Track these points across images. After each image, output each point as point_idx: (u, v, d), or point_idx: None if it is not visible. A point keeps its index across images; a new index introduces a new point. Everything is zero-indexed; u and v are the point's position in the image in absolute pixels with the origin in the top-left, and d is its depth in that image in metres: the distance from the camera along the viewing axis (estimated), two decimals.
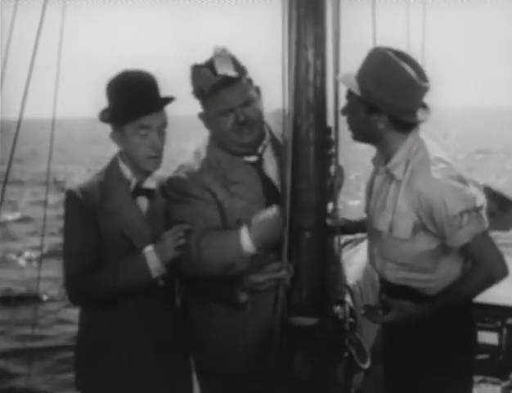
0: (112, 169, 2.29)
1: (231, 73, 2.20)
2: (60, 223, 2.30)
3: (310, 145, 2.16)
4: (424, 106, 2.23)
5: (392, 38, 2.28)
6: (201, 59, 2.26)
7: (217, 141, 2.31)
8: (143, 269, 2.15)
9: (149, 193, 2.29)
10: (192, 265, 2.19)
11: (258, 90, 2.32)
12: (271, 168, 2.32)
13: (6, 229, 14.88)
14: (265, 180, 2.30)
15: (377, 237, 2.27)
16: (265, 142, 2.35)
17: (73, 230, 2.22)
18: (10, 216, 16.18)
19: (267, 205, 2.24)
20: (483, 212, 2.13)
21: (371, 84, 2.12)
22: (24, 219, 16.26)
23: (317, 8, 2.15)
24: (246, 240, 2.15)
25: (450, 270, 2.21)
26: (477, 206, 2.10)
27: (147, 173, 2.30)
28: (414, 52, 2.25)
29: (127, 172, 2.28)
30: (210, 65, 2.21)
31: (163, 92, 2.28)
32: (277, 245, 2.16)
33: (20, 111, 2.67)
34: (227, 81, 2.19)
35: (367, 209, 2.40)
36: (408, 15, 3.43)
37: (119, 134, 2.24)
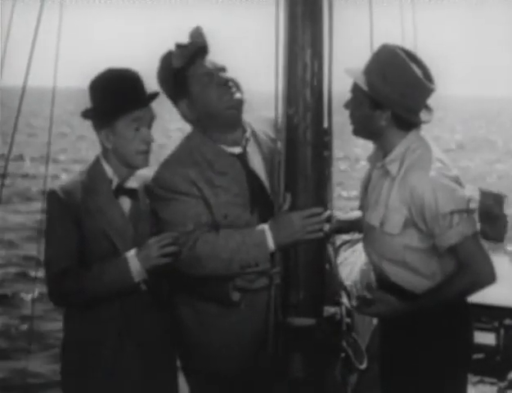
0: (95, 169, 2.29)
1: (202, 40, 2.22)
2: None
3: (307, 145, 2.16)
4: (428, 108, 2.24)
5: (391, 39, 2.28)
6: None
7: (205, 124, 2.27)
8: (125, 273, 2.15)
9: (131, 193, 2.29)
10: (199, 266, 2.17)
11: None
12: (254, 161, 2.31)
13: None
14: (249, 173, 2.29)
15: (371, 232, 2.28)
16: (247, 134, 2.33)
17: (55, 229, 2.22)
18: None
19: (252, 198, 2.24)
20: (475, 215, 2.12)
21: (378, 80, 2.13)
22: None
23: (314, 7, 2.15)
24: (270, 238, 2.15)
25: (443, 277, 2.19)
26: (469, 208, 2.09)
27: (130, 173, 2.29)
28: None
29: (109, 171, 2.27)
30: (178, 45, 2.22)
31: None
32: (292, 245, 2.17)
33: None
34: (203, 48, 2.22)
35: (362, 205, 2.40)
36: (402, 16, 3.43)
37: (107, 132, 2.23)
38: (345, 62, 2.29)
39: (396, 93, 2.11)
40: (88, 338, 2.26)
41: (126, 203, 2.28)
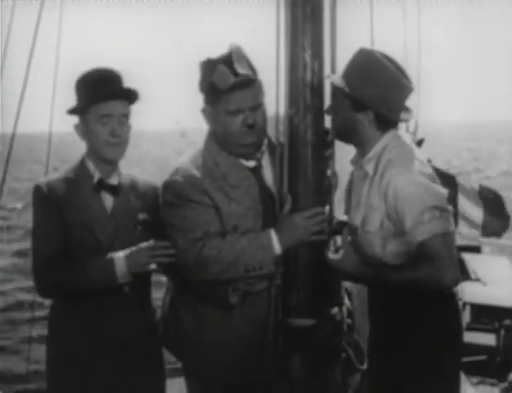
0: (79, 166, 2.35)
1: (250, 74, 2.17)
2: None
3: (308, 146, 2.17)
4: (407, 109, 2.26)
5: (391, 39, 2.29)
6: (196, 58, 2.25)
7: (219, 139, 2.27)
8: (109, 274, 2.19)
9: (113, 189, 2.33)
10: (204, 271, 2.16)
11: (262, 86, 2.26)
12: (268, 174, 2.31)
13: None
14: (262, 186, 2.28)
15: (355, 233, 2.26)
16: (263, 148, 2.32)
17: (39, 221, 2.29)
18: None
19: (264, 211, 2.24)
20: (449, 214, 2.11)
21: (358, 82, 2.15)
22: None
23: (315, 9, 2.15)
24: (275, 241, 2.15)
25: None
26: (441, 206, 2.08)
27: (112, 169, 2.33)
28: (412, 54, 2.27)
29: (91, 167, 2.33)
30: (228, 62, 2.16)
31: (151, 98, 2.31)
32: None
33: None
34: (246, 82, 2.16)
35: (347, 208, 2.39)
36: (405, 17, 3.44)
37: (83, 126, 2.29)
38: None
39: (377, 93, 2.14)
40: (68, 329, 2.30)
41: (108, 198, 2.33)
